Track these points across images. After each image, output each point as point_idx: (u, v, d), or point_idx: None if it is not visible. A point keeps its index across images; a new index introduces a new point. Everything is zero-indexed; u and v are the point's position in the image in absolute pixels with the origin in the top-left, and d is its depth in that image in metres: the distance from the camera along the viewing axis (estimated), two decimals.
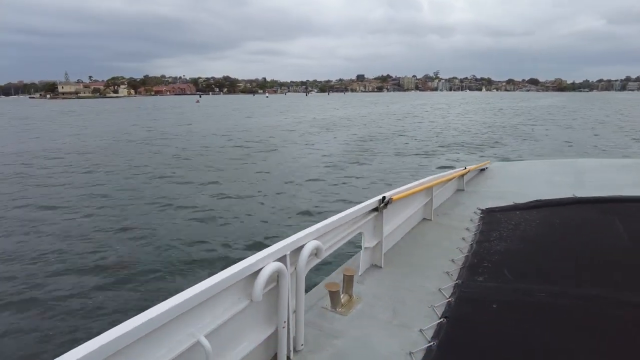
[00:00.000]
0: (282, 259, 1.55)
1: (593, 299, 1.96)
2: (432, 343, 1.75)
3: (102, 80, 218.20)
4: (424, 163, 14.71)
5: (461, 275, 2.38)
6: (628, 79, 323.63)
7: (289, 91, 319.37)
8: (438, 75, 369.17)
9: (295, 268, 1.65)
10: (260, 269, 1.42)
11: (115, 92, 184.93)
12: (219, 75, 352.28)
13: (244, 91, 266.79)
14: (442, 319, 1.92)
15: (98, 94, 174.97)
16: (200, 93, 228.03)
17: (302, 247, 1.66)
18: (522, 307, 1.98)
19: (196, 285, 1.22)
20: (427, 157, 15.88)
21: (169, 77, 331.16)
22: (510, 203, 3.84)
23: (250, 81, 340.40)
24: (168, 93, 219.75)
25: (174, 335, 1.15)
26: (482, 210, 3.70)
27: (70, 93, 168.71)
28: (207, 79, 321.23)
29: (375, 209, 2.46)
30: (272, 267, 1.44)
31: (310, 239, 1.70)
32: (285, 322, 1.58)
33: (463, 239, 3.05)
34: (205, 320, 1.28)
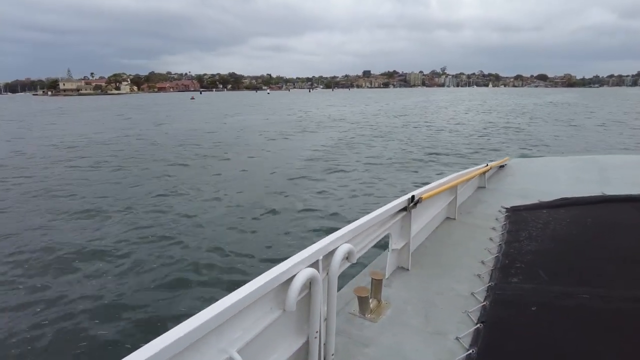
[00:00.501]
0: (314, 265, 1.45)
1: (638, 302, 1.86)
2: (471, 351, 1.64)
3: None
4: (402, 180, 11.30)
5: (494, 277, 2.26)
6: (639, 74, 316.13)
7: (294, 87, 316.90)
8: (445, 71, 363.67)
9: (327, 273, 1.55)
10: (293, 276, 1.33)
11: (117, 88, 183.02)
12: (225, 71, 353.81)
13: (249, 87, 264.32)
14: (478, 324, 1.81)
15: (100, 90, 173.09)
16: (203, 90, 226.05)
17: (333, 251, 1.56)
18: (562, 310, 1.86)
19: (226, 297, 1.12)
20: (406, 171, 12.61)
21: (175, 74, 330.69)
22: (535, 201, 3.71)
23: (256, 77, 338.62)
24: (171, 90, 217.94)
25: (205, 353, 1.06)
26: (507, 208, 3.56)
27: (72, 90, 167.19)
28: (213, 75, 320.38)
29: (404, 209, 2.34)
30: (305, 273, 1.34)
31: (342, 242, 1.60)
32: (317, 331, 1.49)
33: (490, 239, 2.92)
34: (236, 334, 1.19)
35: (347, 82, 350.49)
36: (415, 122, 28.16)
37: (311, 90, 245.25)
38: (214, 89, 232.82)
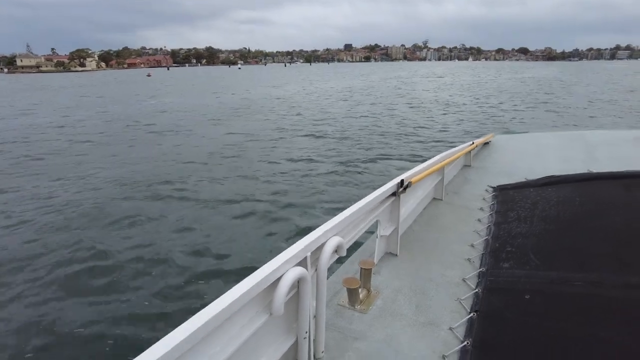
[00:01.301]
0: (302, 262, 1.36)
1: (634, 287, 1.80)
2: (466, 343, 1.59)
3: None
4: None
5: (484, 262, 2.20)
6: (618, 48, 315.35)
7: (272, 62, 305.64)
8: (427, 45, 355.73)
9: (316, 269, 1.47)
10: (280, 277, 1.24)
11: (82, 65, 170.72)
12: (203, 46, 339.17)
13: (225, 62, 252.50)
14: (472, 314, 1.76)
15: (62, 67, 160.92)
16: (175, 65, 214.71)
17: (322, 245, 1.48)
18: (556, 297, 1.82)
19: (209, 307, 1.03)
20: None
21: (149, 49, 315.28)
22: (521, 179, 3.63)
23: (234, 52, 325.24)
24: (142, 66, 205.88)
25: None
26: (494, 187, 3.51)
27: (30, 67, 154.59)
28: (189, 50, 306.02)
29: (393, 194, 2.26)
30: (292, 274, 1.26)
31: (330, 235, 1.52)
32: (306, 331, 1.42)
33: (479, 220, 2.85)
34: (221, 343, 1.11)
35: (328, 56, 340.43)
36: (369, 103, 22.92)
37: (290, 64, 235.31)
38: (186, 64, 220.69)
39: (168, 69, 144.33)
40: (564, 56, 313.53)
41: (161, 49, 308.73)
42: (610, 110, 19.62)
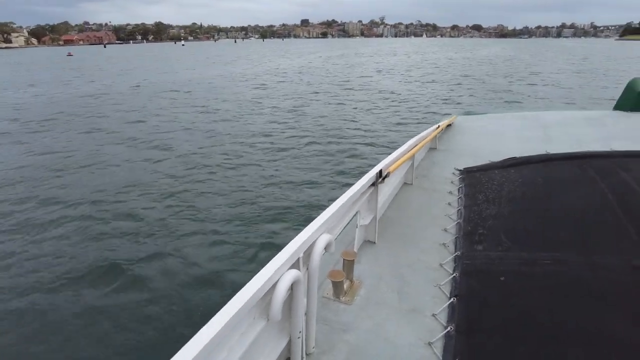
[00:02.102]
0: (295, 264, 1.37)
1: (599, 264, 1.88)
2: (449, 328, 1.62)
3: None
4: None
5: (459, 246, 2.24)
6: (563, 26, 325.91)
7: (226, 37, 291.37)
8: (384, 21, 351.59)
9: (307, 268, 1.47)
10: (275, 282, 1.24)
11: (8, 41, 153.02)
12: (152, 21, 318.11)
13: (173, 38, 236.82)
14: (452, 299, 1.80)
15: None
16: (119, 42, 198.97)
17: (312, 244, 1.48)
18: (528, 277, 1.88)
19: (210, 323, 1.01)
20: None
21: (93, 24, 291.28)
22: (485, 160, 3.73)
23: (185, 27, 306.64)
24: (81, 42, 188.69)
25: None
26: (460, 170, 3.56)
27: None
28: (137, 25, 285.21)
29: (372, 185, 2.26)
30: (288, 278, 1.26)
31: (319, 234, 1.52)
32: (300, 331, 1.43)
33: (449, 203, 2.89)
34: (222, 356, 1.10)
35: (284, 32, 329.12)
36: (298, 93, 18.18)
37: (243, 40, 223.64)
38: (130, 41, 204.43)
39: (105, 47, 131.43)
40: (515, 33, 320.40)
41: (106, 24, 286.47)
42: None
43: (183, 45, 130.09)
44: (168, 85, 24.71)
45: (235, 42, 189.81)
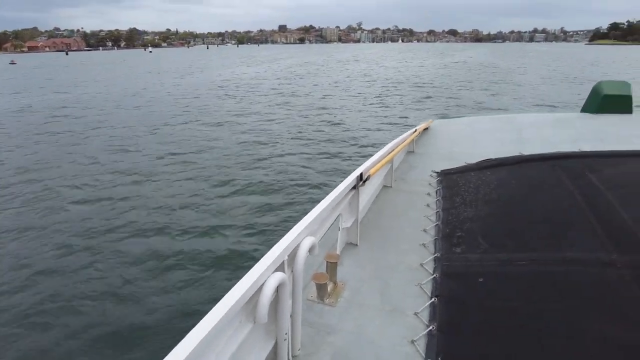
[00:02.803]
0: (280, 267, 1.39)
1: (571, 262, 1.94)
2: (431, 327, 1.66)
3: None
4: None
5: (438, 248, 2.29)
6: (535, 31, 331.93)
7: (203, 43, 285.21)
8: (361, 27, 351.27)
9: (292, 271, 1.49)
10: (261, 285, 1.25)
11: None
12: (131, 26, 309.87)
13: (146, 45, 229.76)
14: (433, 298, 1.84)
15: None
16: (88, 49, 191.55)
17: (297, 247, 1.50)
18: (506, 278, 1.93)
19: (197, 327, 1.00)
20: None
21: (64, 30, 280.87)
22: (461, 163, 3.79)
23: (160, 33, 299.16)
24: (47, 49, 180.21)
25: None
26: (438, 172, 3.62)
27: None
28: (110, 31, 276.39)
29: (354, 187, 2.31)
30: (273, 280, 1.27)
31: (303, 237, 1.54)
32: (286, 333, 1.45)
33: (427, 205, 2.96)
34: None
35: (262, 37, 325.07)
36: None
37: (217, 46, 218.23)
38: (100, 48, 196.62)
39: (67, 54, 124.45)
40: (490, 38, 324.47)
41: (78, 30, 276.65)
42: None
43: (150, 52, 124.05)
44: (60, 103, 20.42)
45: (207, 48, 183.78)
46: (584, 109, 5.72)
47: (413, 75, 33.28)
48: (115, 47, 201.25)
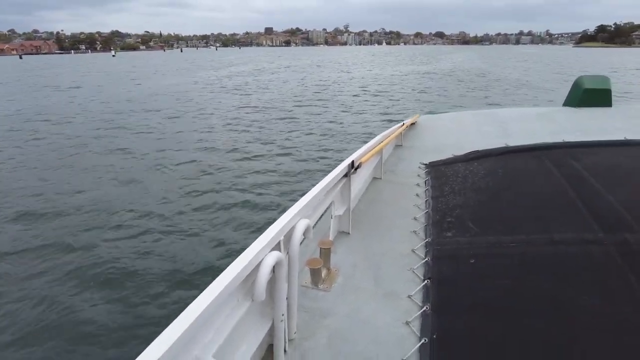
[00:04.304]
0: (276, 247, 1.39)
1: (558, 241, 2.00)
2: (425, 307, 1.67)
3: None
4: None
5: (429, 233, 2.30)
6: (521, 33, 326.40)
7: (187, 46, 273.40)
8: (348, 29, 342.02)
9: (288, 253, 1.49)
10: (258, 263, 1.25)
11: None
12: (116, 29, 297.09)
13: (124, 48, 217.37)
14: (425, 281, 1.85)
15: None
16: (61, 52, 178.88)
17: (292, 229, 1.50)
18: (495, 258, 1.97)
19: (194, 303, 0.99)
20: None
21: (43, 33, 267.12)
22: (449, 155, 3.78)
23: (142, 36, 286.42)
24: (14, 52, 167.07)
25: None
26: (426, 164, 3.63)
27: None
28: (91, 34, 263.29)
29: (345, 175, 2.31)
30: (270, 259, 1.26)
31: (299, 219, 1.55)
32: (283, 314, 1.44)
33: (417, 195, 2.96)
34: (208, 338, 1.09)
35: (247, 40, 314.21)
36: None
37: (197, 48, 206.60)
38: (72, 51, 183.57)
39: (21, 57, 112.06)
40: (477, 40, 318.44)
41: (58, 32, 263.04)
42: None
43: (114, 56, 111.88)
44: None
45: (181, 51, 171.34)
46: (566, 103, 5.64)
47: (382, 91, 22.79)
48: (89, 51, 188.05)
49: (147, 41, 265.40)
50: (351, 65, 50.95)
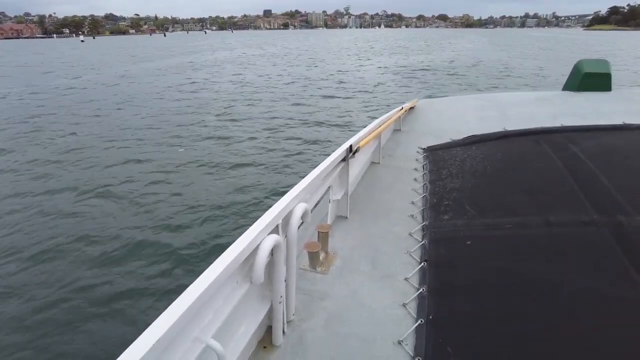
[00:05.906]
0: (275, 230, 1.38)
1: (554, 222, 1.99)
2: (421, 289, 1.66)
3: None
4: None
5: (427, 217, 2.28)
6: (527, 16, 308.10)
7: (182, 29, 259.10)
8: (349, 11, 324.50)
9: (286, 236, 1.48)
10: (257, 245, 1.24)
11: None
12: (102, 13, 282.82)
13: (113, 32, 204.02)
14: (422, 263, 1.84)
15: None
16: (44, 36, 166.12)
17: (290, 212, 1.48)
18: (492, 240, 1.96)
19: (194, 285, 0.98)
20: None
21: (35, 16, 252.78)
22: (447, 140, 3.71)
23: (132, 19, 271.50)
24: None
25: (179, 347, 0.94)
26: (424, 149, 3.57)
27: None
28: (84, 17, 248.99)
29: (343, 159, 2.27)
30: (269, 242, 1.25)
31: (297, 202, 1.52)
32: (281, 296, 1.43)
33: (415, 179, 2.92)
34: (207, 319, 1.08)
35: (245, 23, 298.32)
36: None
37: (187, 32, 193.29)
38: (54, 35, 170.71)
39: None
40: (481, 23, 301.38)
41: (50, 15, 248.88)
42: None
43: (82, 41, 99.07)
44: None
45: (164, 35, 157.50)
46: (565, 87, 5.54)
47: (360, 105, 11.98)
48: (74, 35, 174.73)
49: (139, 25, 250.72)
50: (342, 56, 38.82)
